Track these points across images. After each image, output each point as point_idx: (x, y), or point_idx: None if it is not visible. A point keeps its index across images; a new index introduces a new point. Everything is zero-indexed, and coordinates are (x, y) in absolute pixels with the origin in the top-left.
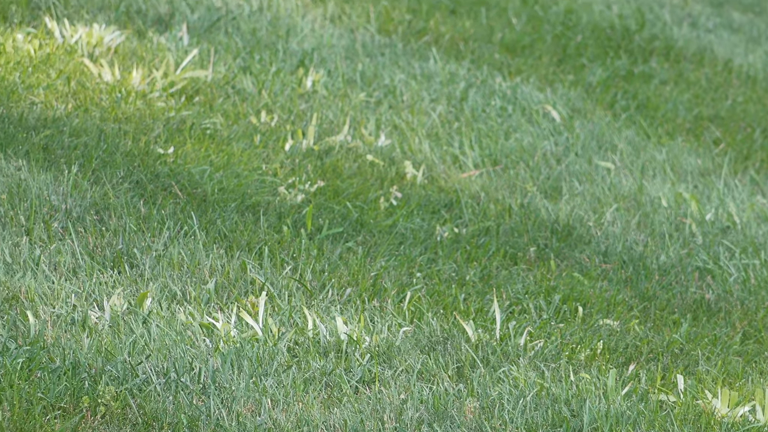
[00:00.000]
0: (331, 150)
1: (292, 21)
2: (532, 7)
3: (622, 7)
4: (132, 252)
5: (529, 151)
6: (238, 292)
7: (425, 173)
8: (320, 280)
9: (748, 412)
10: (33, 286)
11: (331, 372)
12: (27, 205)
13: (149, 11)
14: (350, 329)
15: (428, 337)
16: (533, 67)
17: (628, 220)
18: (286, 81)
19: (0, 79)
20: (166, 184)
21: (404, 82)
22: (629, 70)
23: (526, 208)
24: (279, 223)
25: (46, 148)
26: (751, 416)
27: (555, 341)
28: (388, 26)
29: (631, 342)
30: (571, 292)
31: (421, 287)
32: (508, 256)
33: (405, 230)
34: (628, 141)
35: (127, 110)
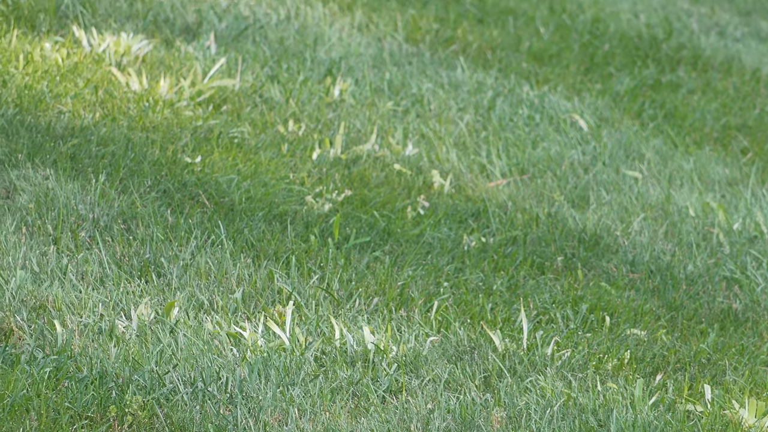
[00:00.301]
0: (359, 159)
1: (320, 30)
2: (559, 16)
3: (649, 16)
4: (159, 261)
5: (557, 161)
6: (265, 301)
7: (452, 182)
8: (347, 289)
9: None
10: (60, 296)
11: (358, 382)
12: (54, 214)
13: (177, 20)
14: (377, 339)
15: (455, 347)
16: (560, 75)
17: (655, 229)
18: (313, 90)
19: (28, 88)
20: (194, 193)
21: (432, 91)
22: (657, 79)
23: (553, 218)
24: (306, 232)
25: (73, 157)
26: None
27: (582, 351)
28: (416, 35)
29: (659, 352)
30: (599, 301)
31: (448, 297)
32: (535, 266)
33: (432, 239)
34: (655, 150)
35: (155, 119)
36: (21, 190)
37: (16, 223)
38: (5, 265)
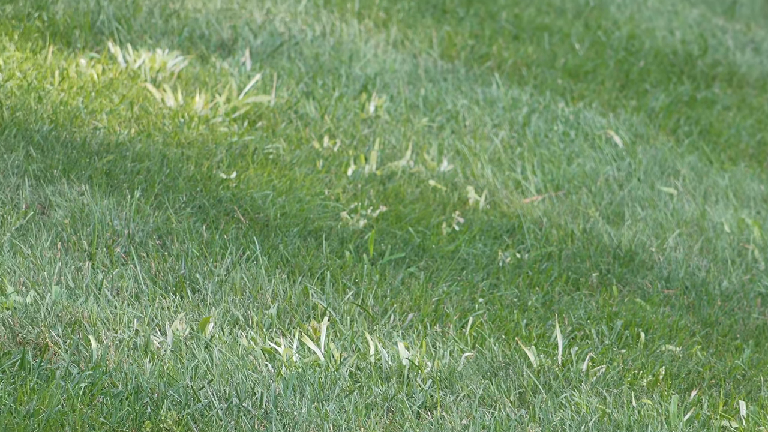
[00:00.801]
0: (394, 175)
1: (355, 46)
2: (594, 33)
3: (684, 32)
4: (194, 277)
5: (592, 177)
6: (300, 317)
7: (487, 198)
8: (382, 305)
9: None
10: (95, 311)
11: (392, 397)
12: (90, 230)
13: (212, 36)
14: (412, 354)
15: (490, 363)
16: (596, 92)
17: (690, 245)
18: (348, 106)
19: (63, 104)
20: (229, 209)
21: (467, 107)
22: (692, 95)
23: (588, 234)
24: (341, 248)
25: (109, 173)
26: None
27: (617, 367)
28: (451, 51)
29: (694, 368)
30: (634, 317)
31: (483, 312)
32: (570, 282)
33: (467, 255)
34: (690, 167)
35: (190, 135)
36: (56, 205)
37: (51, 238)
38: (40, 281)
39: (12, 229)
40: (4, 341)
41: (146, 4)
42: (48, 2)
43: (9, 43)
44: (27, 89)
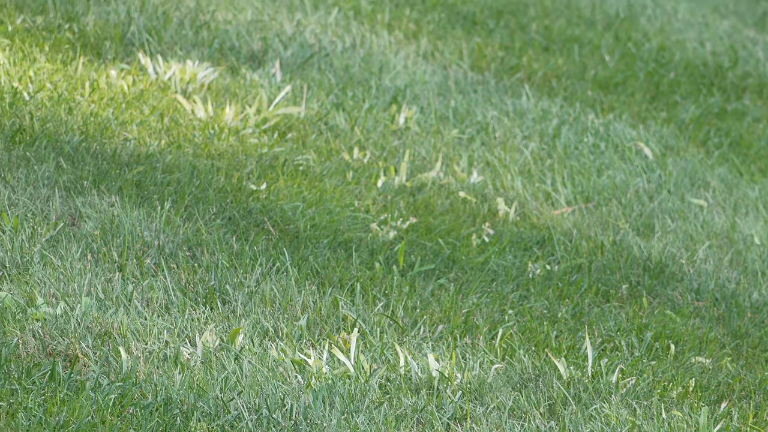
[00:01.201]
0: (424, 186)
1: (385, 58)
2: (624, 45)
3: (715, 44)
4: (224, 288)
5: (622, 188)
6: (329, 328)
7: (517, 210)
8: (412, 316)
9: None
10: (125, 322)
11: (422, 409)
12: (120, 241)
13: (242, 48)
14: (442, 366)
15: (520, 374)
16: (626, 104)
17: (720, 257)
18: (378, 117)
19: (93, 115)
20: (259, 220)
21: (497, 118)
22: (722, 107)
23: (618, 246)
24: (371, 259)
25: (139, 185)
26: None
27: (647, 379)
28: (481, 63)
29: (723, 380)
30: (663, 329)
31: (512, 324)
32: (600, 294)
33: (497, 267)
34: (720, 178)
35: (220, 146)
36: (86, 217)
37: (81, 250)
38: (71, 292)
39: (42, 240)
40: (35, 352)
41: (177, 16)
42: (78, 14)
43: (39, 55)
44: (57, 100)
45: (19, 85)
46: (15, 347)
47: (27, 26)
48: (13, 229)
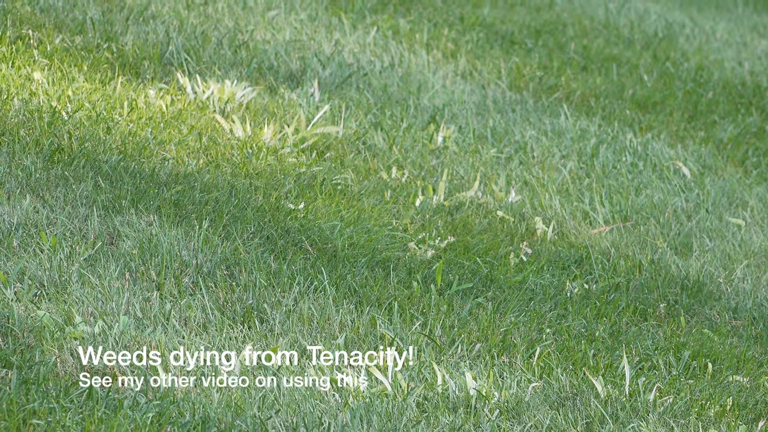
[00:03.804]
0: (462, 206)
1: (423, 77)
2: (663, 64)
3: (753, 64)
4: (262, 307)
5: (660, 208)
6: (367, 347)
7: (555, 229)
8: (449, 335)
9: None
10: (164, 341)
11: (460, 428)
12: (158, 260)
13: (281, 67)
14: (479, 385)
15: (557, 393)
16: (664, 123)
17: (758, 276)
18: (416, 137)
19: (132, 135)
20: (297, 239)
21: (535, 138)
22: (761, 126)
23: (656, 265)
24: (409, 278)
25: (177, 204)
26: None
27: (684, 397)
28: (519, 82)
29: (761, 398)
30: (701, 348)
31: (550, 343)
32: (637, 312)
33: (535, 286)
34: (759, 198)
35: (258, 166)
36: (125, 236)
37: (119, 269)
38: (108, 311)
39: (80, 259)
40: (72, 371)
41: (215, 36)
42: (117, 33)
43: (78, 74)
44: (96, 120)
45: (58, 104)
46: (53, 366)
47: (66, 46)
48: (51, 248)
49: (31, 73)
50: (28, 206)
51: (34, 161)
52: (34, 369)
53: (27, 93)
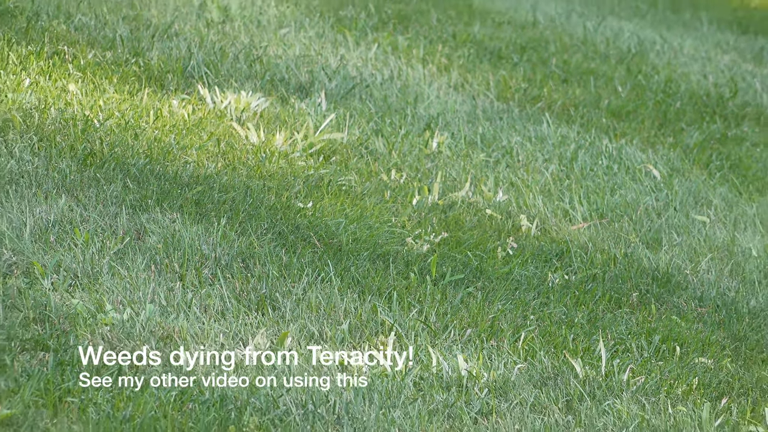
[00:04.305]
0: (454, 205)
1: (420, 89)
2: (635, 77)
3: (717, 76)
4: (274, 296)
5: (632, 206)
6: (369, 332)
7: (538, 226)
8: (443, 321)
9: None
10: (185, 327)
11: (452, 405)
12: (180, 253)
13: (291, 80)
14: (470, 366)
15: (540, 373)
16: (636, 130)
17: (721, 268)
18: (413, 142)
19: (157, 141)
20: (306, 235)
21: (520, 143)
22: (723, 133)
23: (629, 258)
24: (406, 270)
25: (197, 203)
26: None
27: (655, 377)
28: (506, 93)
29: (724, 378)
30: (670, 333)
31: (534, 328)
32: (612, 301)
33: (520, 277)
34: (721, 197)
35: (271, 169)
36: (150, 232)
37: (146, 261)
38: (136, 299)
39: (111, 253)
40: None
41: (232, 51)
42: (144, 49)
43: (108, 86)
44: (125, 127)
45: (90, 113)
46: (86, 350)
47: (97, 60)
48: (84, 243)
49: (66, 85)
50: (64, 205)
51: (69, 164)
52: (69, 352)
53: (63, 103)
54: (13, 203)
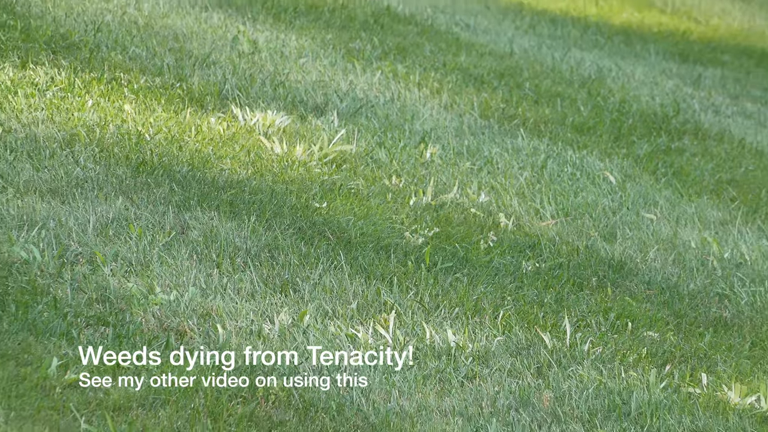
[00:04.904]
0: (444, 205)
1: (415, 108)
2: (595, 98)
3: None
4: (295, 280)
5: (592, 206)
6: (374, 310)
7: (514, 222)
8: (435, 301)
9: (755, 401)
10: (221, 306)
11: (443, 370)
12: (217, 245)
13: (309, 101)
14: (457, 338)
15: (515, 345)
16: (595, 143)
17: (665, 257)
18: (410, 153)
19: (198, 152)
20: (321, 230)
21: (499, 154)
22: (667, 145)
23: (589, 249)
24: (405, 259)
25: (231, 203)
26: (756, 404)
27: (610, 348)
28: (487, 112)
29: (667, 349)
30: (623, 311)
31: (510, 307)
32: (575, 285)
33: (499, 265)
34: (666, 199)
35: (292, 175)
36: (192, 227)
37: (188, 252)
38: (181, 283)
39: (159, 245)
40: (154, 328)
41: (260, 77)
42: (187, 75)
43: (157, 106)
44: (171, 141)
45: (142, 129)
46: (139, 324)
47: (148, 85)
48: (137, 236)
49: (122, 105)
50: (120, 205)
51: (125, 171)
52: (126, 326)
53: (119, 120)
54: (78, 204)
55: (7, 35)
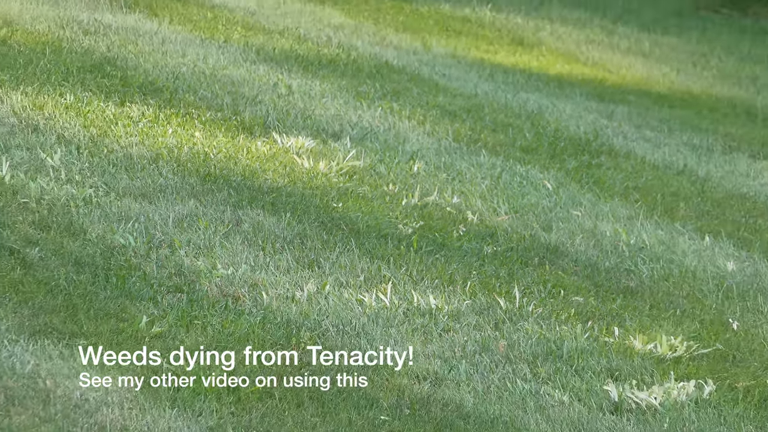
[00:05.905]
0: (427, 205)
1: (406, 135)
2: (537, 127)
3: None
4: (319, 260)
5: (535, 206)
6: (376, 281)
7: (478, 218)
8: (421, 275)
9: (653, 347)
10: (266, 278)
11: (426, 325)
12: (262, 234)
13: (329, 129)
14: (437, 302)
15: (479, 306)
16: (537, 159)
17: (588, 243)
18: (402, 167)
19: (248, 166)
20: (338, 223)
21: (467, 168)
22: (589, 162)
23: (533, 237)
24: (398, 244)
25: (272, 204)
26: (654, 350)
27: (548, 309)
28: (458, 138)
29: (590, 310)
30: (557, 282)
31: (475, 279)
32: (523, 263)
33: (467, 248)
34: (588, 200)
35: (317, 183)
36: (244, 221)
37: (241, 239)
38: (236, 262)
39: (220, 234)
40: (216, 295)
41: (293, 112)
42: (241, 110)
43: (219, 133)
44: (228, 158)
45: (208, 150)
46: (206, 292)
47: (212, 118)
48: (204, 227)
49: (193, 132)
50: (192, 205)
51: (195, 180)
52: (195, 293)
53: (191, 143)
54: (162, 204)
55: (110, 82)
